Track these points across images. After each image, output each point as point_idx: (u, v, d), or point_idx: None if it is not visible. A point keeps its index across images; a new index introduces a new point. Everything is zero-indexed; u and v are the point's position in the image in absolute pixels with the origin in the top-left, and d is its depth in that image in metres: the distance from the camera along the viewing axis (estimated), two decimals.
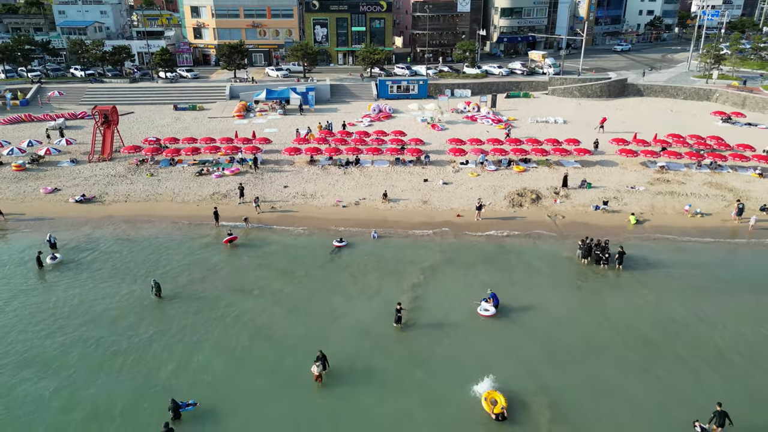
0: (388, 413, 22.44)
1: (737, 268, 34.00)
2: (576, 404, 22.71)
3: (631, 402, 22.86)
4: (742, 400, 22.30)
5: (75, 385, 23.84)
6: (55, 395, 23.24)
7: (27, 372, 24.62)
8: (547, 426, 21.47)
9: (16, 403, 22.82)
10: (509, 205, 42.31)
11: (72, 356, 25.67)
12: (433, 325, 28.07)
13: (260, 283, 32.07)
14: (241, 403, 22.86)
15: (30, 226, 39.11)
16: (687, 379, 23.96)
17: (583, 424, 21.65)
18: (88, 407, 22.53)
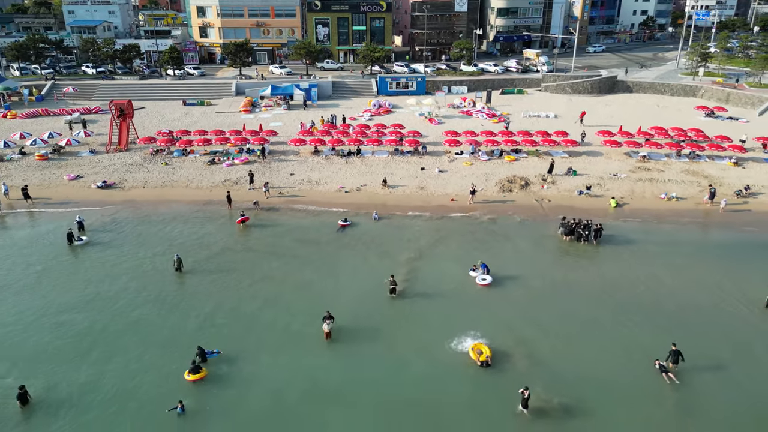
0: (388, 362, 25.69)
1: (702, 245, 37.36)
2: (552, 353, 26.00)
3: (601, 349, 26.19)
4: (692, 344, 25.54)
5: (109, 338, 27.07)
6: (91, 348, 26.46)
7: (64, 329, 27.84)
8: (526, 370, 24.74)
9: (59, 353, 26.02)
10: (500, 191, 45.63)
11: (104, 315, 28.90)
12: (428, 292, 31.32)
13: (271, 257, 35.36)
14: (260, 353, 26.13)
15: (57, 209, 42.39)
16: (649, 330, 27.26)
17: (557, 369, 24.92)
18: (121, 358, 25.75)
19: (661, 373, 24.22)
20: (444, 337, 27.11)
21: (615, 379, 24.31)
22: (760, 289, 30.18)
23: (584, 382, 24.01)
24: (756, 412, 22.50)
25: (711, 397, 23.44)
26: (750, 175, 47.93)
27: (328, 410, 22.73)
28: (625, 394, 23.48)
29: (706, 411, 22.74)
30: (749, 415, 22.32)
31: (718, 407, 22.84)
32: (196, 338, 26.49)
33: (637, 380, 24.25)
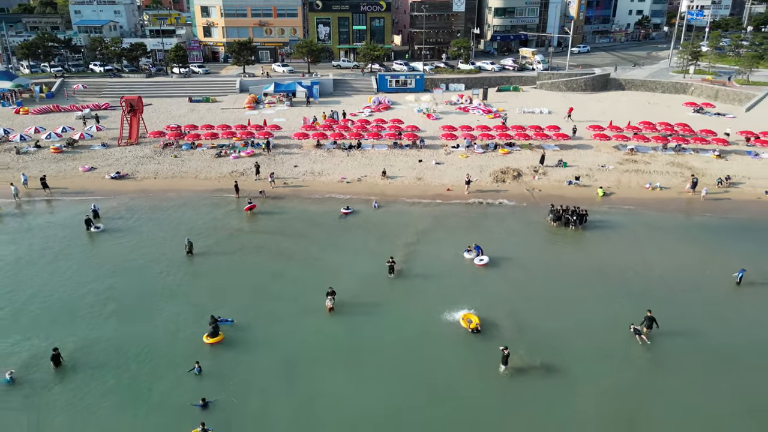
0: (385, 330, 28.06)
1: (682, 229, 39.80)
2: (536, 322, 28.39)
3: (582, 319, 28.62)
4: (666, 314, 27.91)
5: (129, 309, 29.46)
6: (113, 316, 28.86)
7: (87, 300, 30.22)
8: (512, 336, 27.12)
9: (84, 321, 28.39)
10: (493, 181, 48.04)
11: (122, 289, 31.26)
12: (424, 272, 33.68)
13: (278, 241, 37.78)
14: (268, 323, 28.51)
15: (73, 198, 44.81)
16: (627, 303, 29.60)
17: (540, 335, 27.31)
18: (141, 325, 28.10)
19: (635, 335, 26.65)
20: (438, 309, 29.47)
21: (592, 342, 26.76)
22: (733, 268, 32.51)
23: (564, 345, 26.44)
24: (718, 370, 24.86)
25: (678, 357, 25.86)
26: (732, 166, 50.35)
27: (333, 370, 25.10)
28: (600, 355, 25.93)
29: (672, 368, 25.14)
30: (711, 372, 24.70)
31: (683, 365, 25.25)
32: (209, 309, 28.83)
33: (613, 343, 26.74)
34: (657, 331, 27.05)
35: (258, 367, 25.36)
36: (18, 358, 25.60)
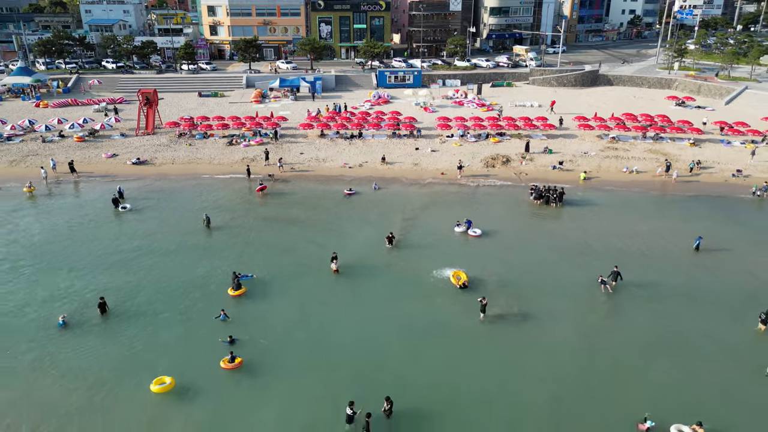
0: (383, 287, 32.18)
1: (651, 206, 43.99)
2: (516, 279, 32.50)
3: (556, 277, 32.74)
4: (630, 272, 32.08)
5: (160, 270, 33.57)
6: (147, 276, 32.98)
7: (124, 263, 34.34)
8: (494, 290, 31.25)
9: (122, 279, 32.49)
10: (484, 166, 52.21)
11: (152, 255, 35.38)
12: (419, 242, 37.75)
13: (288, 215, 41.92)
14: (283, 279, 32.63)
15: (99, 181, 48.98)
16: (597, 264, 33.65)
17: (519, 289, 31.43)
18: (172, 282, 32.22)
19: (601, 285, 30.90)
20: (428, 270, 33.58)
21: (564, 294, 30.94)
22: (693, 238, 36.62)
23: (539, 296, 30.62)
24: (666, 316, 29.02)
25: (636, 301, 30.05)
26: (704, 153, 54.54)
27: (338, 317, 29.22)
28: (569, 302, 30.15)
29: (629, 313, 29.31)
30: (663, 317, 28.85)
31: (638, 307, 29.42)
32: (231, 268, 32.95)
33: (582, 293, 30.98)
34: (620, 283, 31.34)
35: (275, 313, 29.50)
36: (69, 306, 29.76)
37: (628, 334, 27.81)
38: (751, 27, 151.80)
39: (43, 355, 26.20)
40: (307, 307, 30.13)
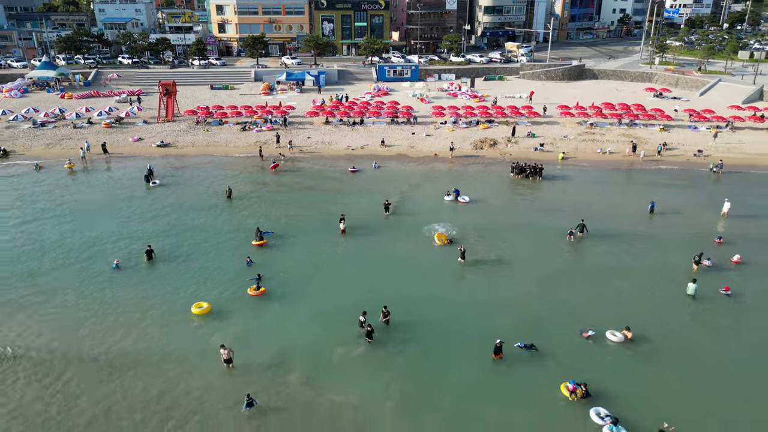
0: (382, 242, 37.98)
1: (618, 180, 49.95)
2: (494, 235, 38.29)
3: (532, 230, 38.71)
4: (594, 227, 37.93)
5: (192, 228, 39.37)
6: (184, 232, 38.78)
7: (162, 224, 40.15)
8: (475, 242, 37.09)
9: (161, 234, 38.29)
10: (473, 148, 58.09)
11: (185, 218, 41.20)
12: (413, 209, 43.52)
13: (299, 188, 47.78)
14: (298, 235, 38.42)
15: (129, 161, 54.84)
16: (567, 222, 39.38)
17: (496, 242, 37.25)
18: (206, 236, 38.04)
19: (567, 236, 36.81)
20: (420, 230, 39.35)
21: (536, 244, 36.88)
22: (649, 203, 42.54)
23: (514, 247, 36.49)
24: (618, 258, 34.88)
25: (595, 250, 35.91)
26: (672, 137, 60.42)
27: (344, 267, 35.05)
28: (540, 250, 36.07)
29: (588, 256, 35.18)
30: (616, 258, 34.69)
31: (596, 254, 35.28)
32: (253, 226, 38.79)
33: (552, 243, 36.91)
34: (585, 235, 37.35)
35: (292, 259, 35.36)
36: (121, 253, 35.63)
37: (586, 270, 33.82)
38: (737, 25, 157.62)
39: (104, 288, 32.08)
40: (318, 256, 35.99)
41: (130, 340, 27.48)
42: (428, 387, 24.19)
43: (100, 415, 22.70)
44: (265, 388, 23.84)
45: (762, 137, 60.04)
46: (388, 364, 25.65)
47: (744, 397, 23.50)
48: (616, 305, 29.92)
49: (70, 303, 30.66)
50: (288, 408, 23.01)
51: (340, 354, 26.29)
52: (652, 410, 22.18)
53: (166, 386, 24.27)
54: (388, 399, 23.51)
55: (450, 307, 30.02)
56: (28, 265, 34.59)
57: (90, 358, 26.18)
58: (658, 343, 26.91)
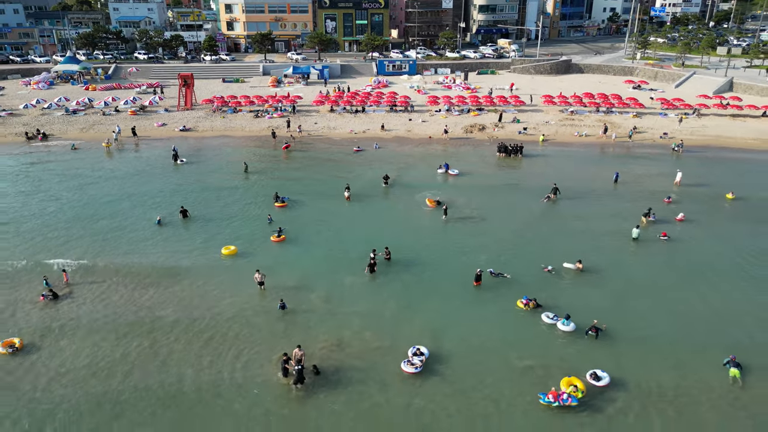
0: (383, 209, 44.50)
1: (590, 157, 56.55)
2: (479, 201, 44.81)
3: (511, 195, 45.36)
4: (566, 191, 44.58)
5: (219, 195, 45.93)
6: (215, 198, 45.33)
7: (188, 191, 46.69)
8: (461, 206, 43.64)
9: (194, 199, 44.80)
10: (464, 132, 64.71)
11: (211, 188, 47.75)
12: (408, 182, 49.96)
13: (309, 165, 54.37)
14: (310, 201, 44.95)
15: (156, 143, 61.44)
16: (544, 190, 45.87)
17: (478, 204, 43.80)
18: (231, 200, 44.61)
19: (544, 199, 43.58)
20: (413, 196, 45.92)
21: (513, 205, 43.55)
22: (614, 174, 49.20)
23: (493, 208, 43.07)
24: (583, 213, 41.47)
25: (563, 208, 42.53)
26: (643, 122, 67.09)
27: (349, 224, 41.63)
28: (516, 210, 42.66)
29: (558, 213, 41.80)
30: (581, 214, 41.28)
31: (564, 211, 41.90)
32: (272, 192, 45.35)
33: (527, 204, 43.56)
34: (558, 198, 44.19)
35: (306, 218, 41.91)
36: (162, 211, 42.20)
37: (553, 223, 40.59)
38: (724, 23, 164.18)
39: (153, 236, 38.72)
40: (328, 216, 42.58)
41: (179, 269, 34.04)
42: (418, 303, 30.77)
43: (177, 311, 29.21)
44: (292, 302, 30.40)
45: (723, 122, 66.74)
46: (387, 288, 32.26)
47: (666, 309, 30.07)
48: (574, 247, 36.42)
49: (128, 244, 37.25)
50: (312, 312, 29.66)
51: (349, 281, 32.91)
52: (591, 315, 28.72)
53: (214, 297, 30.94)
54: (386, 310, 30.09)
55: (436, 250, 36.63)
56: (90, 220, 41.22)
57: (154, 273, 32.72)
58: (602, 271, 33.57)
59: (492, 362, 25.65)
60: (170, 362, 25.83)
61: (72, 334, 27.93)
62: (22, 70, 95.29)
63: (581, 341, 27.23)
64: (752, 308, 30.06)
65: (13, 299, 31.00)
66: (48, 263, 34.92)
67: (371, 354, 26.25)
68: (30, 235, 38.98)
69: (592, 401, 23.28)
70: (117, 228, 40.00)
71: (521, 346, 26.89)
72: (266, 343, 27.07)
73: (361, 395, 23.77)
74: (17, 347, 26.07)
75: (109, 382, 24.52)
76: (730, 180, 48.87)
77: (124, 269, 34.11)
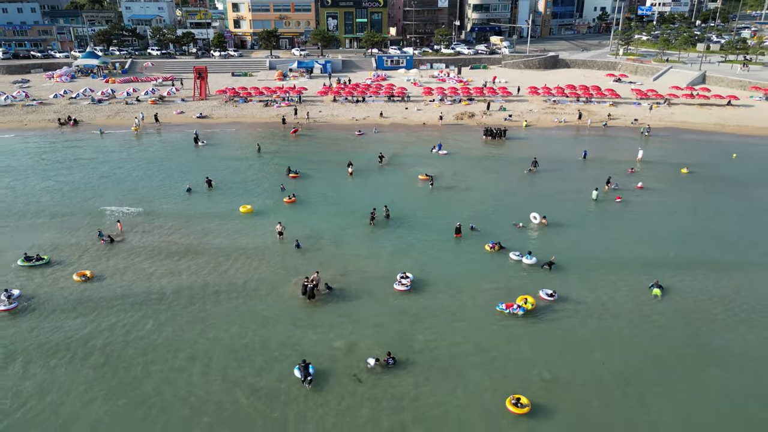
0: (382, 181, 51.10)
1: (567, 139, 63.23)
2: (465, 174, 51.45)
3: (494, 169, 51.92)
4: (543, 164, 51.24)
5: (239, 170, 52.55)
6: (235, 172, 51.95)
7: (209, 167, 53.31)
8: (449, 177, 50.30)
9: (214, 174, 51.43)
10: (455, 119, 71.41)
11: (227, 165, 54.40)
12: (404, 160, 56.63)
13: (316, 146, 61.05)
14: (318, 175, 51.56)
15: (177, 128, 68.08)
16: (522, 164, 52.55)
17: (467, 176, 50.42)
18: (249, 174, 51.24)
19: (526, 171, 50.27)
20: (407, 171, 52.63)
21: (496, 177, 50.19)
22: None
23: (478, 180, 49.73)
24: (556, 184, 48.09)
25: (541, 180, 49.18)
26: (618, 110, 73.81)
27: (351, 191, 48.27)
28: (498, 180, 49.34)
29: (534, 182, 48.47)
30: (553, 184, 47.90)
31: (541, 181, 48.54)
32: (282, 170, 51.98)
33: (509, 175, 50.24)
34: (537, 170, 50.99)
35: (313, 187, 48.52)
36: (190, 181, 48.81)
37: (526, 191, 47.30)
38: (710, 22, 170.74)
39: (184, 200, 45.37)
40: (333, 186, 49.22)
41: (206, 223, 40.66)
42: (408, 248, 37.33)
43: (209, 249, 35.81)
44: (305, 245, 37.03)
45: (690, 110, 73.46)
46: (384, 237, 38.89)
47: (609, 249, 36.75)
48: (542, 208, 42.80)
49: (164, 205, 43.91)
50: (322, 251, 36.38)
51: (352, 232, 39.58)
52: (549, 254, 35.33)
53: (236, 242, 37.62)
54: (383, 252, 36.72)
55: (426, 211, 43.24)
56: (131, 188, 47.91)
57: (186, 225, 39.34)
58: (563, 226, 40.23)
59: (465, 285, 32.28)
60: (205, 276, 32.53)
61: (125, 268, 34.52)
62: (44, 65, 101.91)
63: (539, 272, 33.88)
64: (678, 250, 36.77)
65: (81, 242, 37.73)
66: (104, 214, 41.99)
67: (370, 280, 32.89)
68: (82, 196, 45.85)
69: (539, 313, 29.88)
70: (154, 194, 46.75)
71: (489, 274, 33.55)
72: (285, 270, 33.86)
73: (362, 305, 30.42)
74: (89, 277, 32.65)
75: (162, 289, 31.10)
76: (687, 158, 55.62)
77: (162, 224, 40.77)
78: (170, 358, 26.26)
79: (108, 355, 26.45)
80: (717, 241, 38.41)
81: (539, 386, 24.44)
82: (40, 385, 24.45)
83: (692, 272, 33.91)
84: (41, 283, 32.64)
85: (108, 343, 27.32)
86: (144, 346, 27.12)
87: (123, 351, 26.72)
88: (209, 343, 27.34)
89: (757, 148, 60.23)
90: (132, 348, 26.94)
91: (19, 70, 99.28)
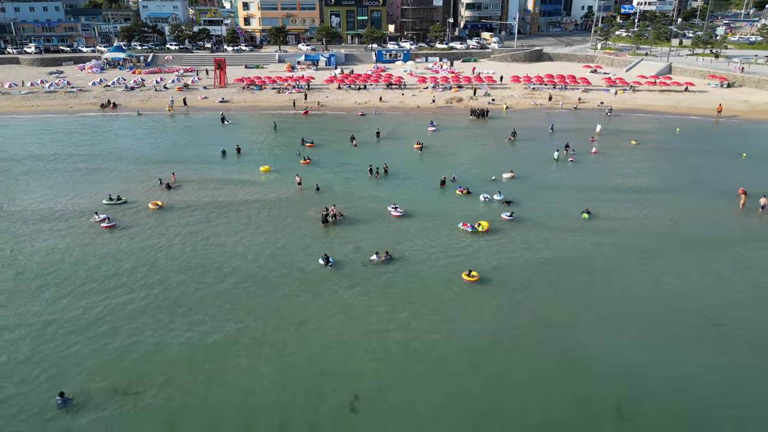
0: (379, 149, 61.33)
1: (540, 118, 73.47)
2: (453, 146, 61.62)
3: (478, 141, 62.10)
4: (522, 135, 61.48)
5: (257, 145, 62.76)
6: (254, 144, 62.13)
7: (235, 141, 63.55)
8: (438, 148, 60.49)
9: (242, 144, 61.65)
10: (445, 103, 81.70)
11: (251, 138, 64.59)
12: (399, 135, 66.89)
13: (324, 124, 71.30)
14: (327, 146, 61.71)
15: (203, 110, 78.32)
16: (506, 135, 62.79)
17: (454, 147, 60.62)
18: (267, 147, 61.42)
19: (505, 139, 60.62)
20: (403, 144, 62.83)
21: (482, 148, 60.42)
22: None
23: (463, 149, 59.93)
24: (517, 149, 58.25)
25: (515, 148, 59.36)
26: (588, 95, 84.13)
27: (355, 157, 58.41)
28: (482, 148, 59.55)
29: (511, 150, 58.65)
30: (522, 148, 58.07)
31: (518, 150, 58.72)
32: (296, 142, 62.17)
33: (492, 145, 60.46)
34: (516, 139, 61.29)
35: (324, 154, 58.75)
36: (215, 155, 58.90)
37: (501, 154, 57.52)
38: (691, 19, 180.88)
39: (217, 167, 55.63)
40: (340, 153, 59.42)
41: (237, 179, 50.84)
42: (401, 192, 47.49)
43: (241, 200, 45.98)
44: (322, 189, 47.28)
45: (652, 95, 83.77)
46: (383, 186, 49.06)
47: (560, 192, 46.99)
48: (513, 164, 53.01)
49: (205, 164, 54.12)
50: (335, 193, 46.63)
51: (358, 183, 49.84)
52: (510, 195, 45.55)
53: (265, 189, 47.85)
54: (381, 194, 46.87)
55: (417, 169, 53.51)
56: (177, 154, 58.12)
57: (222, 180, 49.54)
58: (526, 178, 50.48)
59: (442, 214, 42.48)
60: (248, 206, 42.74)
61: (185, 206, 44.71)
62: (74, 58, 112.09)
63: (501, 206, 44.14)
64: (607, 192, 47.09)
65: (146, 187, 48.09)
66: (161, 169, 52.33)
67: (372, 212, 43.11)
68: (139, 157, 56.21)
69: (495, 232, 40.10)
70: (195, 158, 57.01)
71: (461, 208, 43.75)
72: (306, 205, 44.21)
73: (367, 225, 40.66)
74: (160, 206, 43.10)
75: (218, 215, 41.26)
76: (638, 132, 65.90)
77: (206, 177, 51.02)
78: (240, 253, 36.48)
79: (198, 252, 36.72)
80: (644, 183, 48.79)
81: (488, 269, 34.63)
82: (156, 270, 34.75)
83: (615, 203, 44.35)
84: (126, 213, 42.92)
85: (192, 241, 37.65)
86: (218, 244, 37.46)
87: (204, 249, 36.97)
88: (263, 240, 37.92)
89: (699, 124, 70.59)
90: (211, 247, 37.20)
91: (52, 63, 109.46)
